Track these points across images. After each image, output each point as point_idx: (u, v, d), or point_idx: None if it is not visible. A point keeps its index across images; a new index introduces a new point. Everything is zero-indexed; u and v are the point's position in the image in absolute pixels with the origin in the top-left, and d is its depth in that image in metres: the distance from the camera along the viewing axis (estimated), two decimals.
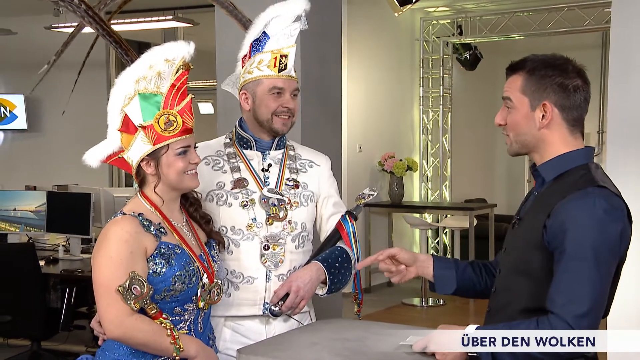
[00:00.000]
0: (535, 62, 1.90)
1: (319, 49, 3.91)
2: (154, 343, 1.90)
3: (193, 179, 2.02)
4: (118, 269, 1.87)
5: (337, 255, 2.22)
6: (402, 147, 8.16)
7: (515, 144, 1.91)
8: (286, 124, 2.26)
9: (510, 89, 1.90)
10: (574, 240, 1.74)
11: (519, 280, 1.87)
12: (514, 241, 1.94)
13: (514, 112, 1.89)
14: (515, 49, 8.85)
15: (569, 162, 1.87)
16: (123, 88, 1.99)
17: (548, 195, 1.86)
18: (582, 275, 1.74)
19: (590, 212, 1.75)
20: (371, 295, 7.63)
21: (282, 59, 2.22)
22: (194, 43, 2.00)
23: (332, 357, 1.74)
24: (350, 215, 2.31)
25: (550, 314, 1.75)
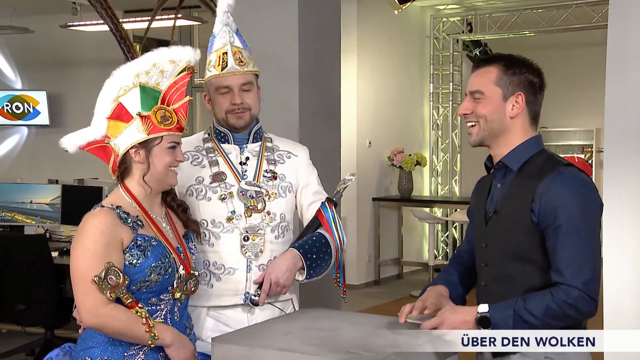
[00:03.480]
0: (509, 58, 2.08)
1: (317, 47, 3.98)
2: (129, 331, 1.95)
3: (174, 177, 2.09)
4: (94, 260, 1.91)
5: (315, 242, 2.28)
6: (412, 142, 8.26)
7: (483, 132, 2.05)
8: (242, 118, 2.31)
9: (481, 81, 2.05)
10: (566, 216, 1.91)
11: (515, 267, 1.99)
12: (495, 234, 2.04)
13: (485, 102, 2.03)
14: (525, 45, 8.91)
15: (528, 150, 2.04)
16: (120, 80, 2.04)
17: (520, 184, 2.01)
18: (581, 245, 1.91)
19: (572, 187, 1.95)
20: (380, 287, 7.77)
21: (224, 57, 2.28)
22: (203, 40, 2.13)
23: (303, 346, 1.80)
24: (330, 201, 2.35)
25: (560, 285, 1.89)
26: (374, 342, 1.87)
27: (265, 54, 3.85)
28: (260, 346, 1.83)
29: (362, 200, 7.66)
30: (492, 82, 2.03)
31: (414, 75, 8.39)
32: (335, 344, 1.85)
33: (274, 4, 3.90)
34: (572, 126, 10.19)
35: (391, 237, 8.06)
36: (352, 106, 7.51)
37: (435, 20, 8.52)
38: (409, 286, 7.71)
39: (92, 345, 2.00)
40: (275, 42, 3.87)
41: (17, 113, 8.30)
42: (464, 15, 8.45)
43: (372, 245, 7.80)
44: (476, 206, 2.18)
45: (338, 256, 2.34)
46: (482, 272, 2.09)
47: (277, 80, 3.83)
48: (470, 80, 2.10)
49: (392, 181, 8.05)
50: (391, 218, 8.06)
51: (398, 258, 8.15)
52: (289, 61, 3.85)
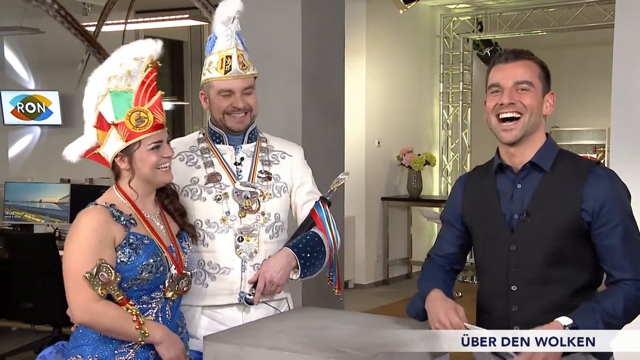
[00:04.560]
0: (539, 58, 2.07)
1: (320, 48, 4.00)
2: (120, 328, 1.96)
3: (165, 174, 2.08)
4: (86, 257, 1.93)
5: (309, 240, 2.29)
6: (421, 142, 8.25)
7: (526, 126, 2.00)
8: (242, 122, 2.33)
9: (528, 73, 2.00)
10: (622, 214, 1.96)
11: (557, 269, 1.97)
12: (531, 236, 1.99)
13: (533, 94, 2.00)
14: (537, 44, 8.87)
15: (552, 150, 2.05)
16: (96, 86, 2.05)
17: (556, 185, 1.99)
18: (636, 240, 1.97)
19: (618, 186, 1.99)
20: (389, 286, 7.77)
21: (227, 60, 2.28)
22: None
23: (292, 344, 1.82)
24: (324, 200, 2.37)
25: (626, 281, 1.93)
26: (364, 340, 1.88)
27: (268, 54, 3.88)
28: (250, 345, 1.85)
29: (370, 200, 7.66)
30: (537, 76, 2.02)
31: (423, 75, 8.38)
32: (324, 342, 1.86)
33: (277, 4, 3.92)
34: (584, 126, 10.15)
35: (400, 237, 8.06)
36: (360, 106, 7.52)
37: (445, 19, 8.51)
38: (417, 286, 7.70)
39: (84, 343, 2.02)
40: (278, 42, 3.89)
41: (30, 113, 8.39)
42: (475, 14, 8.43)
43: (380, 244, 7.80)
44: (479, 207, 2.10)
45: (332, 255, 2.34)
46: (511, 277, 2.02)
47: (281, 80, 3.86)
48: (509, 70, 2.01)
49: (401, 181, 8.05)
50: (400, 218, 8.05)
51: (407, 258, 8.15)
52: (293, 61, 3.87)
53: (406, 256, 8.14)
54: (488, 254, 2.10)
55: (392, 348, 1.83)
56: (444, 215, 2.21)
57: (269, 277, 2.22)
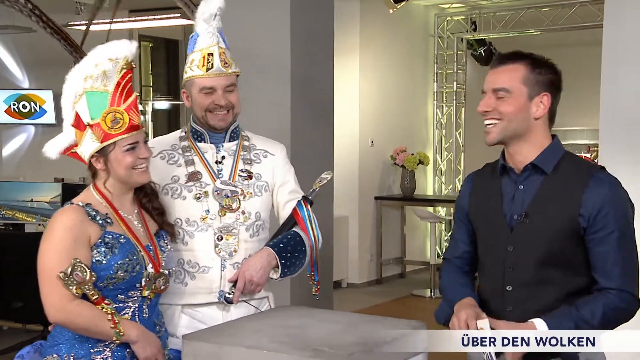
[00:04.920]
0: (534, 57, 2.04)
1: (309, 48, 4.01)
2: (94, 327, 1.96)
3: (142, 174, 2.08)
4: (61, 256, 1.93)
5: (289, 240, 2.29)
6: (415, 141, 8.26)
7: (504, 131, 2.00)
8: (224, 119, 2.32)
9: (506, 79, 2.00)
10: (618, 222, 1.94)
11: (552, 271, 1.97)
12: (528, 237, 1.99)
13: (511, 100, 1.99)
14: (531, 44, 8.88)
15: (556, 152, 2.03)
16: (73, 85, 2.05)
17: (556, 187, 1.98)
18: (629, 250, 1.96)
19: (618, 193, 1.97)
20: (382, 286, 7.78)
21: (209, 58, 2.28)
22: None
23: (271, 343, 1.80)
24: (306, 200, 2.36)
25: (610, 290, 1.92)
26: (342, 339, 1.88)
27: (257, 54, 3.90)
28: (229, 343, 1.84)
29: (364, 199, 7.67)
30: (519, 80, 1.99)
31: (417, 74, 8.39)
32: (302, 341, 1.85)
33: (266, 4, 3.93)
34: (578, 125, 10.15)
35: (394, 236, 8.07)
36: (354, 105, 7.53)
37: (439, 19, 8.52)
38: (411, 285, 7.72)
39: (60, 342, 2.02)
40: (267, 42, 3.90)
41: (24, 112, 8.38)
42: (468, 14, 8.44)
43: (374, 244, 7.81)
44: (482, 207, 2.12)
45: (313, 254, 2.35)
46: (507, 276, 2.03)
47: (269, 80, 3.87)
48: (491, 76, 2.04)
49: (394, 180, 8.06)
50: (394, 217, 8.06)
51: (401, 257, 8.15)
52: (281, 61, 3.88)
53: (400, 256, 8.15)
54: (488, 254, 2.11)
55: (370, 347, 1.83)
56: (455, 214, 2.24)
57: (249, 276, 2.22)
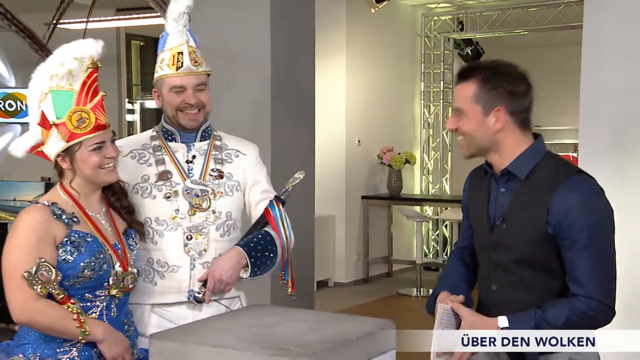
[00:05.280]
0: (486, 71, 2.05)
1: (289, 46, 4.00)
2: (59, 327, 1.95)
3: (109, 173, 2.08)
4: (25, 255, 1.93)
5: (260, 239, 2.29)
6: (402, 140, 8.27)
7: (471, 147, 2.05)
8: (195, 119, 2.32)
9: (461, 98, 2.04)
10: (584, 229, 1.92)
11: (530, 274, 2.00)
12: (506, 241, 2.03)
13: (466, 120, 2.03)
14: (518, 44, 8.91)
15: (534, 156, 2.03)
16: (39, 83, 2.05)
17: (530, 193, 2.00)
18: (599, 257, 1.94)
19: (588, 199, 1.96)
20: (369, 285, 7.79)
21: (179, 57, 2.29)
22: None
23: (237, 342, 1.81)
24: (278, 200, 2.37)
25: (579, 297, 1.93)
26: (309, 338, 1.88)
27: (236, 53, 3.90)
28: (195, 342, 1.84)
29: (351, 199, 7.68)
30: (471, 99, 2.01)
31: (404, 74, 8.40)
32: (269, 340, 1.86)
33: (245, 4, 3.93)
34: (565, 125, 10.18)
35: (380, 236, 8.08)
36: (340, 104, 7.54)
37: (426, 18, 8.54)
38: (398, 284, 7.73)
39: (26, 342, 2.01)
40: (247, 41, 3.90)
41: (10, 111, 8.33)
42: (455, 13, 8.46)
43: (361, 243, 7.82)
44: (474, 204, 2.17)
45: (284, 254, 2.35)
46: (491, 276, 2.08)
47: (249, 80, 3.87)
48: (454, 94, 2.09)
49: (381, 179, 8.07)
50: (381, 216, 8.07)
51: (388, 256, 8.17)
52: (261, 60, 3.88)
53: (386, 255, 8.16)
54: (478, 250, 2.17)
55: (335, 345, 1.84)
56: (463, 207, 2.28)
57: (218, 275, 2.22)
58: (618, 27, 3.87)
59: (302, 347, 1.80)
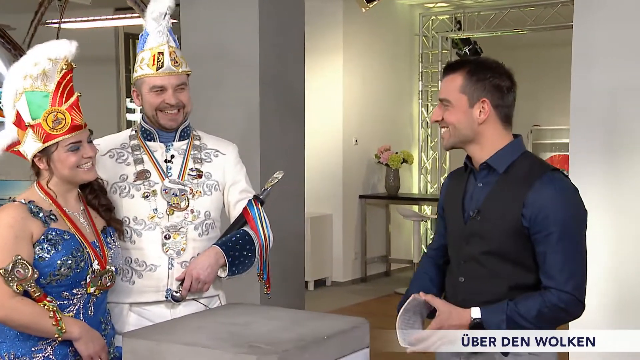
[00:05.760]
0: (473, 64, 2.12)
1: (278, 45, 4.01)
2: (35, 325, 1.96)
3: (88, 172, 2.09)
4: (1, 253, 1.94)
5: (238, 239, 2.30)
6: (400, 140, 8.28)
7: (453, 137, 2.10)
8: (174, 119, 2.34)
9: (447, 89, 2.09)
10: (558, 223, 1.97)
11: (498, 265, 2.03)
12: (478, 232, 2.07)
13: (452, 110, 2.08)
14: (517, 43, 8.91)
15: (513, 153, 2.09)
16: (13, 82, 2.04)
17: (507, 187, 2.05)
18: (571, 251, 1.98)
19: (563, 194, 2.00)
20: (366, 284, 7.80)
21: (159, 57, 2.29)
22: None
23: (208, 340, 1.82)
24: (257, 199, 2.38)
25: (551, 289, 1.96)
26: (281, 336, 1.90)
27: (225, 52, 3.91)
28: (167, 341, 1.86)
29: (348, 198, 7.69)
30: (457, 90, 2.07)
31: (402, 73, 8.40)
32: (241, 338, 1.87)
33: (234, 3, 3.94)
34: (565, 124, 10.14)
35: (378, 235, 8.09)
36: (337, 104, 7.56)
37: (424, 18, 8.54)
38: (395, 283, 7.73)
39: (1, 340, 2.02)
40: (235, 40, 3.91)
41: None
42: (453, 13, 8.46)
43: (358, 242, 7.83)
44: (450, 201, 2.21)
45: (262, 253, 2.36)
46: (461, 268, 2.12)
47: (238, 78, 3.88)
48: (440, 86, 2.15)
49: (379, 179, 8.08)
50: (378, 215, 8.08)
51: (386, 256, 8.18)
52: (250, 59, 3.89)
53: (385, 254, 8.17)
54: (450, 247, 2.20)
55: (306, 343, 1.85)
56: (437, 209, 2.33)
57: (196, 274, 2.24)
58: (608, 28, 3.87)
59: (272, 345, 1.81)
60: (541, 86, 8.69)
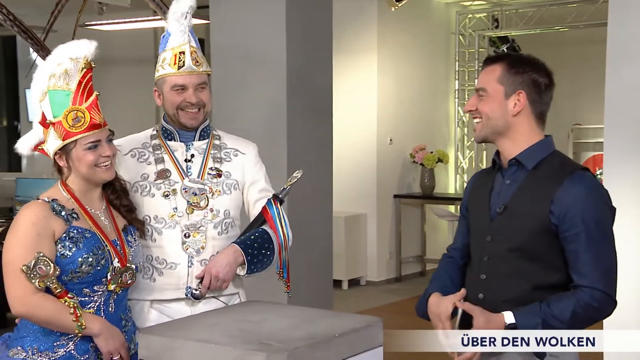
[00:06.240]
0: (515, 57, 2.15)
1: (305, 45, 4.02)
2: (56, 320, 2.01)
3: (106, 171, 2.13)
4: (24, 250, 1.99)
5: (257, 237, 2.33)
6: (436, 139, 8.23)
7: (485, 128, 2.10)
8: (195, 118, 2.37)
9: (486, 79, 2.11)
10: (588, 221, 1.97)
11: (522, 264, 2.03)
12: (504, 229, 2.07)
13: (488, 99, 2.09)
14: (559, 41, 8.76)
15: (542, 150, 2.09)
16: (39, 83, 2.11)
17: (535, 184, 2.04)
18: (602, 249, 1.98)
19: (593, 192, 2.01)
20: (401, 284, 7.77)
21: (181, 56, 2.32)
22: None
23: (221, 337, 1.84)
24: (276, 198, 2.40)
25: (583, 288, 1.96)
26: (292, 333, 1.91)
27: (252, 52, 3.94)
28: (180, 337, 1.88)
29: (382, 198, 7.68)
30: (495, 80, 2.08)
31: (438, 72, 8.35)
32: (253, 335, 1.89)
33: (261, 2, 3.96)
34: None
35: (413, 235, 8.05)
36: (372, 103, 7.55)
37: (461, 16, 8.47)
38: None
39: (25, 334, 2.07)
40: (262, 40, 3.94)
41: None
42: (490, 11, 8.37)
43: (393, 242, 7.81)
44: (475, 200, 2.20)
45: (281, 252, 2.37)
46: (483, 266, 2.11)
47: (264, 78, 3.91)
48: (479, 77, 2.16)
49: (414, 178, 8.04)
50: (413, 215, 8.04)
51: (421, 255, 8.13)
52: (276, 59, 3.91)
53: (420, 254, 8.13)
54: (473, 244, 2.19)
55: (317, 341, 1.85)
56: (460, 209, 2.33)
57: (215, 272, 2.27)
58: None
59: (283, 343, 1.83)
60: (582, 84, 8.54)
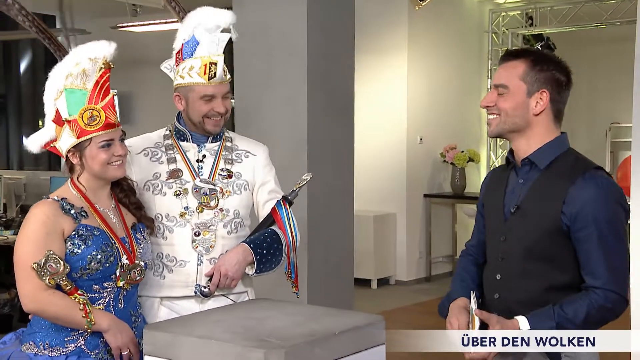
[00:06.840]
0: (537, 54, 2.12)
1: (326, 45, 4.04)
2: (66, 316, 2.06)
3: (118, 169, 2.17)
4: (35, 248, 2.03)
5: (266, 237, 2.37)
6: (467, 138, 8.16)
7: (502, 124, 2.07)
8: (218, 124, 2.41)
9: (507, 75, 2.07)
10: (600, 221, 1.95)
11: (534, 264, 2.02)
12: (517, 229, 2.06)
13: (508, 96, 2.06)
14: (594, 38, 8.61)
15: (556, 149, 2.07)
16: (55, 82, 2.15)
17: (548, 183, 2.03)
18: (614, 250, 1.97)
19: (606, 192, 1.99)
20: (431, 284, 7.74)
21: (212, 67, 2.34)
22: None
23: (223, 333, 1.87)
24: (285, 200, 2.43)
25: (596, 289, 1.95)
26: (294, 331, 1.92)
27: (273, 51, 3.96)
28: (183, 333, 1.92)
29: (412, 197, 7.65)
30: (518, 77, 2.05)
31: (470, 71, 8.27)
32: (255, 332, 1.91)
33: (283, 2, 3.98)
34: None
35: (444, 234, 8.00)
36: (402, 102, 7.52)
37: (494, 14, 8.38)
38: None
39: (37, 330, 2.13)
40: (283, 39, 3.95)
41: None
42: (524, 8, 8.27)
43: (423, 241, 7.77)
44: (491, 199, 2.20)
45: (290, 253, 2.41)
46: (498, 266, 2.10)
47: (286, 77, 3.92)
48: (496, 73, 2.13)
49: (445, 178, 7.99)
50: (444, 215, 8.00)
51: (452, 255, 8.08)
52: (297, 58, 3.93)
53: (450, 253, 8.07)
54: (488, 243, 2.18)
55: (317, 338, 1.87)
56: (477, 205, 2.32)
57: (224, 270, 2.31)
58: None
59: (283, 340, 1.85)
60: (619, 82, 8.37)
